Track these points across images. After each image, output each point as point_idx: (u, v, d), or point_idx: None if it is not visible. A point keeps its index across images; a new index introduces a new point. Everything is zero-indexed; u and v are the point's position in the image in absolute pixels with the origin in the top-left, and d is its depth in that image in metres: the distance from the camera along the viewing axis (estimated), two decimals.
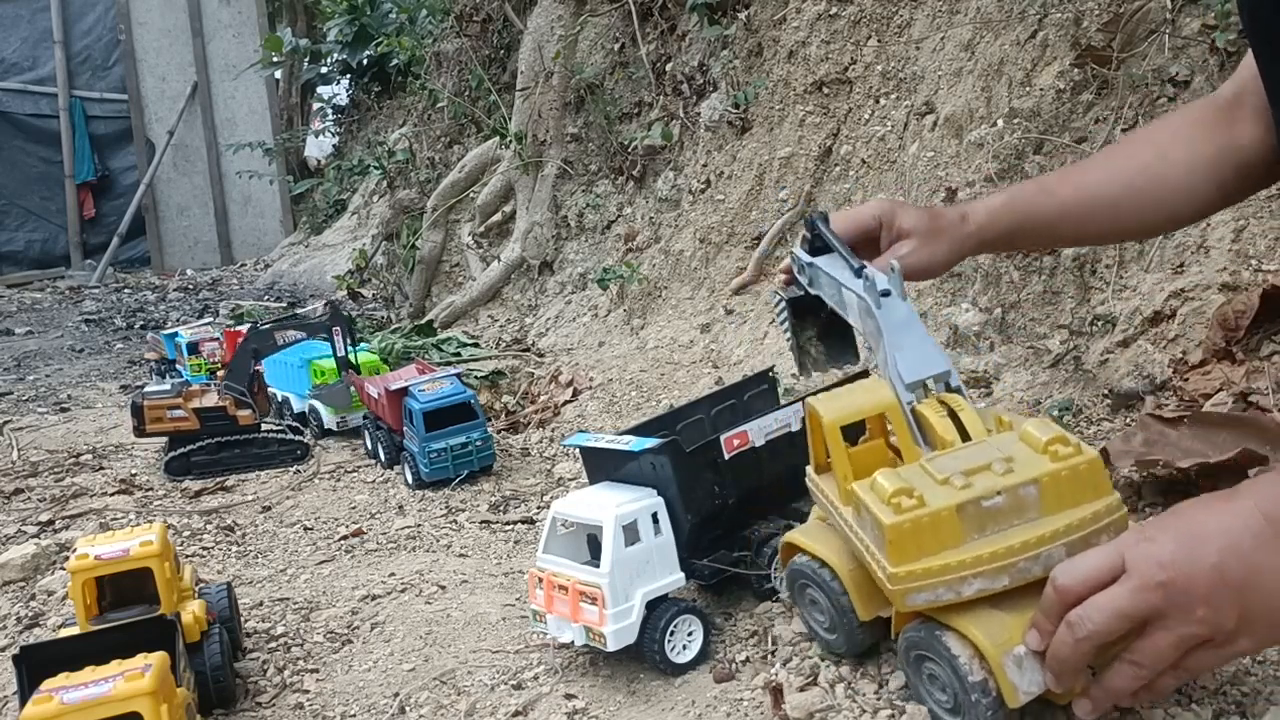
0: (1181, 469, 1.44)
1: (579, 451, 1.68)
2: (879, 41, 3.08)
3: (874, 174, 2.97)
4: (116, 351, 5.50)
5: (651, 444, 1.38)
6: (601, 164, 4.09)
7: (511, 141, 4.23)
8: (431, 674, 1.47)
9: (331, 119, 10.38)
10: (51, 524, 2.36)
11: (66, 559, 1.81)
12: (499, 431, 2.87)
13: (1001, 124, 2.44)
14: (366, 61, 8.77)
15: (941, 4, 2.91)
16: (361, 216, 7.98)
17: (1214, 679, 1.07)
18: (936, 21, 2.91)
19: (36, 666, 1.22)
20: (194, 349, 3.73)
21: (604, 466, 1.51)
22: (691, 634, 1.35)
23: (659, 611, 1.33)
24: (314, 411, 3.12)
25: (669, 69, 3.83)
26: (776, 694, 1.20)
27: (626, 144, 3.89)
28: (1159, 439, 1.52)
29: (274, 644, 1.65)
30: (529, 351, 3.64)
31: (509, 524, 2.22)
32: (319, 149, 11.40)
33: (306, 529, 2.29)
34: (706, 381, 2.75)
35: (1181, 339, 1.85)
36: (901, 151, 2.87)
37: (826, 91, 3.18)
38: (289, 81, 10.87)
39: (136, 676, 1.09)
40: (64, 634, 1.45)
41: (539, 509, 2.29)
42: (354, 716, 1.40)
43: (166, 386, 2.94)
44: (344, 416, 3.05)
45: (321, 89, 10.67)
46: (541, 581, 1.39)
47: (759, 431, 1.45)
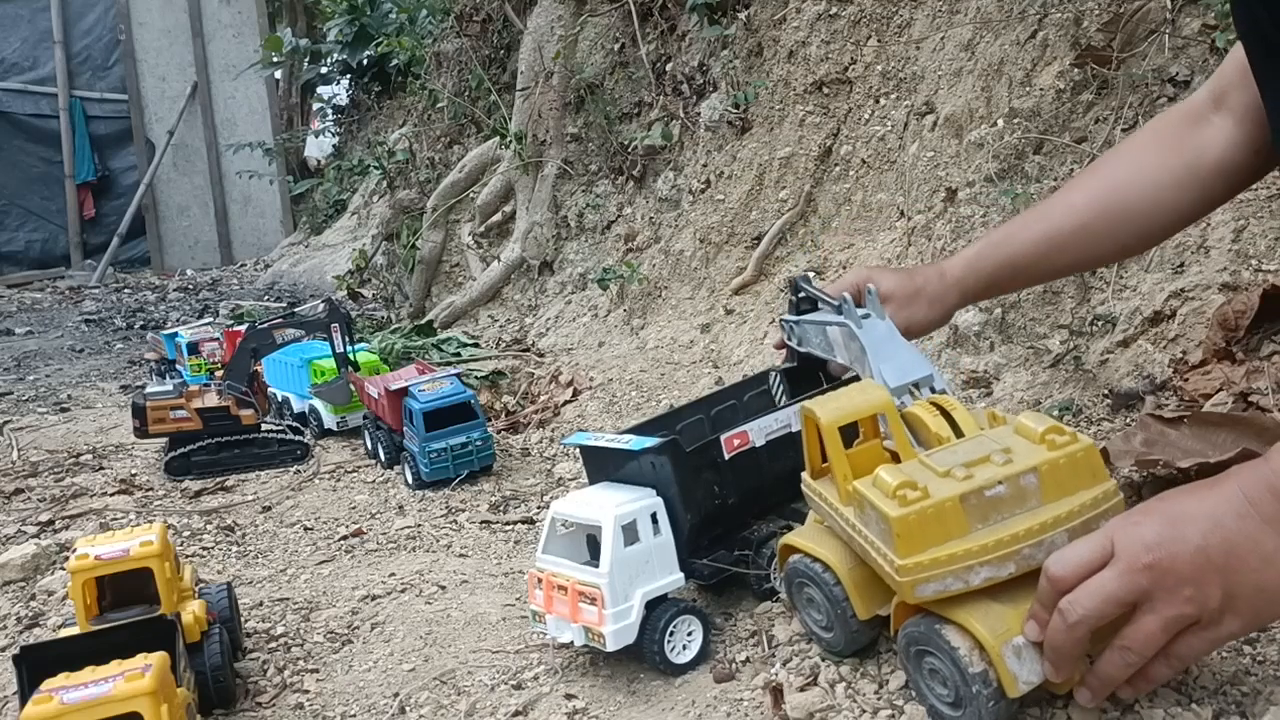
0: (1181, 469, 1.44)
1: (578, 451, 1.68)
2: (879, 41, 3.08)
3: (874, 174, 2.97)
4: (116, 351, 5.50)
5: (651, 443, 1.38)
6: (601, 164, 4.09)
7: (511, 141, 4.23)
8: (431, 674, 1.47)
9: (331, 119, 10.39)
10: (51, 524, 2.36)
11: (66, 559, 1.80)
12: (499, 431, 2.87)
13: (1001, 124, 2.44)
14: (366, 61, 8.78)
15: (941, 4, 2.91)
16: (361, 216, 7.99)
17: (1214, 679, 1.07)
18: (936, 21, 2.91)
19: (36, 666, 1.22)
20: (194, 349, 3.73)
21: (604, 466, 1.51)
22: (691, 634, 1.35)
23: (658, 612, 1.33)
24: (314, 411, 3.12)
25: (669, 69, 3.82)
26: (776, 694, 1.20)
27: (626, 144, 3.89)
28: (1159, 439, 1.52)
29: (274, 644, 1.65)
30: (529, 351, 3.64)
31: (509, 524, 2.22)
32: (319, 149, 11.41)
33: (306, 529, 2.29)
34: (706, 381, 2.75)
35: (1181, 339, 1.85)
36: (901, 151, 2.87)
37: (826, 91, 3.18)
38: (289, 81, 10.88)
39: (137, 676, 1.09)
40: (64, 634, 1.45)
41: (539, 509, 2.29)
42: (354, 716, 1.40)
43: (169, 387, 2.94)
44: (344, 416, 3.05)
45: (321, 89, 10.69)
46: (541, 582, 1.39)
47: (759, 431, 1.45)
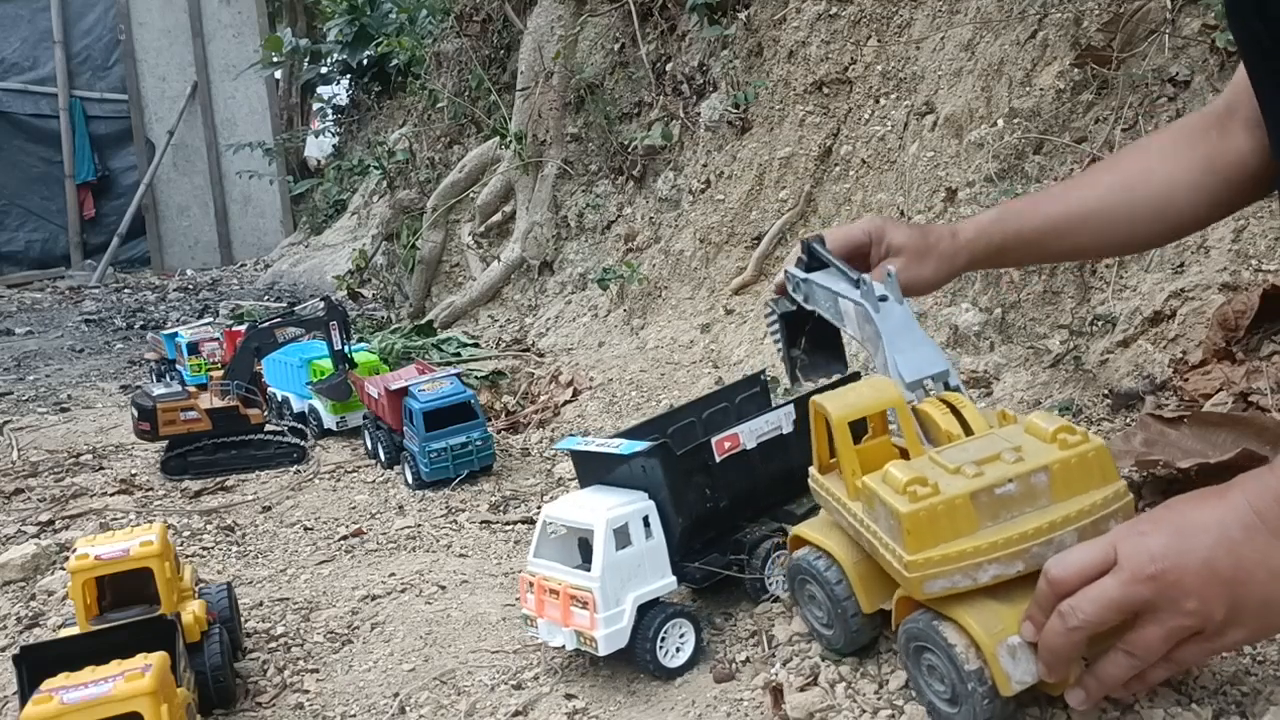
0: (1181, 469, 1.44)
1: (570, 455, 1.68)
2: (879, 41, 3.08)
3: (874, 174, 2.97)
4: (116, 351, 5.50)
5: (642, 447, 1.38)
6: (601, 164, 4.09)
7: (511, 141, 4.23)
8: (431, 674, 1.47)
9: (331, 119, 10.39)
10: (51, 524, 2.36)
11: (66, 559, 1.80)
12: (499, 431, 2.87)
13: (1001, 124, 2.44)
14: (366, 61, 8.78)
15: (941, 4, 2.91)
16: (361, 216, 7.98)
17: (1214, 679, 1.07)
18: (936, 21, 2.91)
19: (36, 666, 1.21)
20: (194, 349, 3.73)
21: (595, 470, 1.50)
22: (684, 637, 1.34)
23: (650, 615, 1.33)
24: (314, 411, 3.12)
25: (669, 69, 3.82)
26: (776, 694, 1.20)
27: (626, 144, 3.89)
28: (1159, 439, 1.53)
29: (274, 644, 1.65)
30: (529, 351, 3.64)
31: (509, 524, 2.22)
32: (319, 149, 11.41)
33: (306, 529, 2.29)
34: (706, 382, 2.75)
35: (1181, 339, 1.85)
36: (901, 151, 2.87)
37: (826, 91, 3.18)
38: (289, 81, 10.87)
39: (136, 676, 1.09)
40: (64, 634, 1.45)
41: (539, 509, 2.29)
42: (354, 716, 1.40)
43: (176, 388, 2.94)
44: (343, 416, 3.05)
45: (321, 89, 10.69)
46: (532, 585, 1.39)
47: (750, 434, 1.44)
